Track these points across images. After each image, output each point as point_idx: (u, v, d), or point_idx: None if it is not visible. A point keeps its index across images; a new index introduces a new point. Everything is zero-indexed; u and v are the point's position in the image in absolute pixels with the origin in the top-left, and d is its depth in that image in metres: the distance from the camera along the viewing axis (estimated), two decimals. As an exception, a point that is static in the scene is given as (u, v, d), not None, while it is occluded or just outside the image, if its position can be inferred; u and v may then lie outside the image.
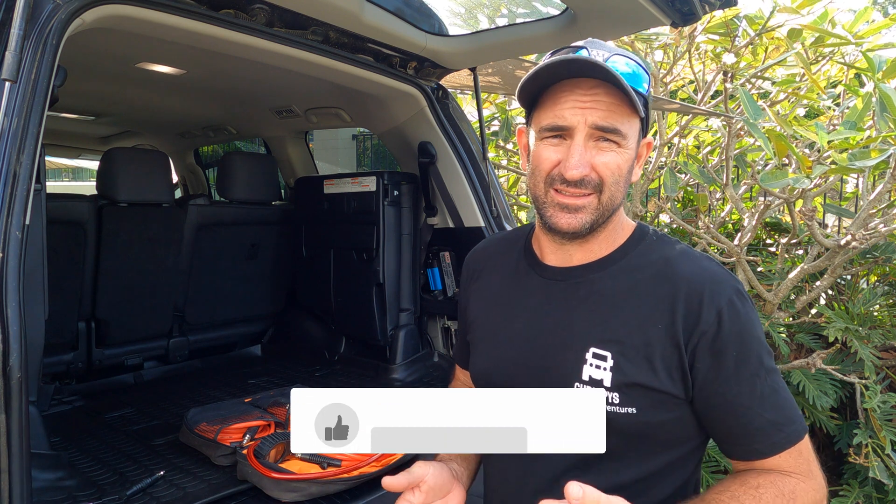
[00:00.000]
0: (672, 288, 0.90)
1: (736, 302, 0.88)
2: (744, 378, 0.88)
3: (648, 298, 0.91)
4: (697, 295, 0.88)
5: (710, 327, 0.87)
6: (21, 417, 1.10)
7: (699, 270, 0.91)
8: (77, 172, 13.56)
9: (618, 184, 0.90)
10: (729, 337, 0.87)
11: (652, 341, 0.88)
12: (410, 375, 2.56)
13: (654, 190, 3.97)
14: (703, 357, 0.87)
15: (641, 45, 3.22)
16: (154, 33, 1.65)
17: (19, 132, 1.16)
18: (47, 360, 2.32)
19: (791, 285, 2.74)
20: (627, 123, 0.89)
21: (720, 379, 0.87)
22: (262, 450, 1.59)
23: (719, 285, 0.89)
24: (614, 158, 0.89)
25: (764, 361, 0.89)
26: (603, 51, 0.88)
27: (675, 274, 0.91)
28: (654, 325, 0.89)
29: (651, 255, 0.95)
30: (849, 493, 2.52)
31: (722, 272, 0.92)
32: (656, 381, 0.88)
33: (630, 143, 0.90)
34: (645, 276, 0.93)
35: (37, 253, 1.46)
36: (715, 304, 0.87)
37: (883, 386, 2.64)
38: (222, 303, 3.01)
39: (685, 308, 0.88)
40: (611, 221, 0.95)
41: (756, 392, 0.88)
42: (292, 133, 3.37)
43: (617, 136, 0.88)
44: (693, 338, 0.87)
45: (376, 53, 2.12)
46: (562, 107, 0.88)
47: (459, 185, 2.44)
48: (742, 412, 0.88)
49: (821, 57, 2.91)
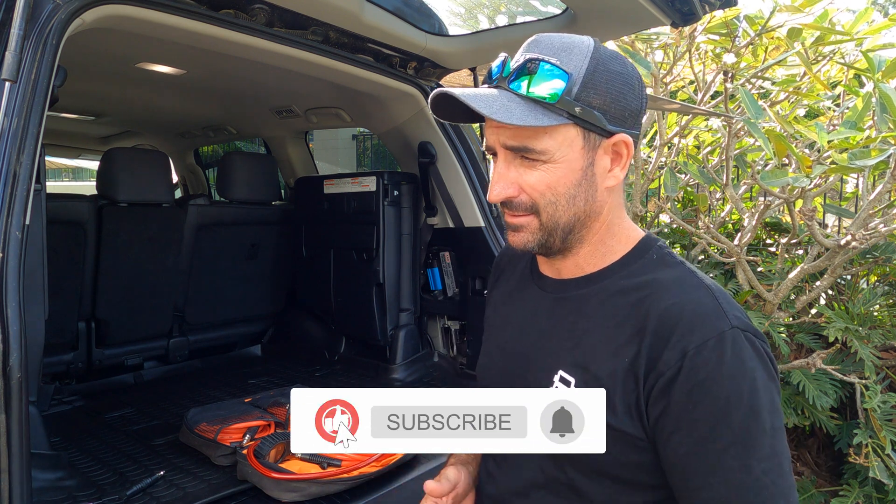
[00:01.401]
0: (645, 318, 0.79)
1: (712, 346, 0.73)
2: (701, 437, 0.74)
3: (625, 325, 0.81)
4: (668, 329, 0.76)
5: (668, 369, 0.75)
6: (21, 417, 1.10)
7: (684, 301, 0.78)
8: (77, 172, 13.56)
9: (555, 202, 0.82)
10: (688, 385, 0.74)
11: (616, 374, 0.79)
12: (410, 375, 2.56)
13: (654, 190, 3.96)
14: (655, 402, 0.76)
15: (641, 45, 3.21)
16: (154, 33, 1.65)
17: (19, 132, 1.16)
18: (47, 360, 2.31)
19: (791, 285, 2.74)
20: (545, 137, 0.80)
21: (673, 430, 0.75)
22: (262, 450, 1.59)
23: (699, 322, 0.75)
24: (542, 177, 0.81)
25: (743, 427, 0.72)
26: (526, 54, 0.81)
27: (657, 302, 0.79)
28: (622, 357, 0.80)
29: (644, 276, 0.84)
30: (849, 493, 2.52)
31: (713, 308, 0.77)
32: (613, 417, 0.79)
33: (561, 153, 0.80)
34: (626, 300, 0.83)
35: (37, 253, 1.46)
36: (682, 342, 0.74)
37: (883, 386, 2.63)
38: (222, 303, 3.01)
39: (651, 342, 0.77)
40: (588, 236, 0.87)
41: (712, 458, 0.73)
42: (292, 133, 3.37)
43: (533, 154, 0.80)
44: (650, 377, 0.77)
45: (376, 53, 2.12)
46: (486, 128, 0.85)
47: (459, 185, 2.44)
48: (689, 476, 0.76)
49: (821, 57, 2.91)
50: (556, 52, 0.81)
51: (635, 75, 0.85)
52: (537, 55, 0.81)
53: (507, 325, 1.00)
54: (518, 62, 0.81)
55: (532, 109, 0.79)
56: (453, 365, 2.59)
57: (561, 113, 0.79)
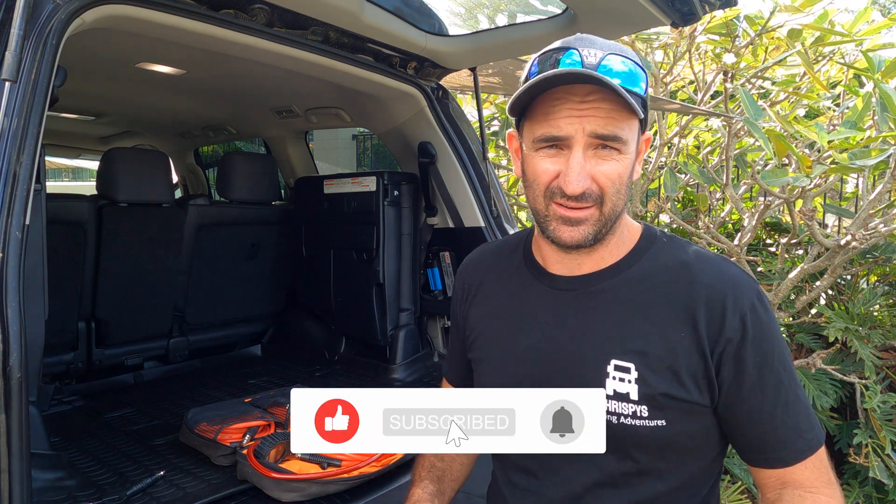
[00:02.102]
0: (692, 294, 0.86)
1: (758, 307, 0.86)
2: (768, 385, 0.86)
3: (668, 305, 0.87)
4: (720, 301, 0.85)
5: (735, 334, 0.84)
6: (21, 417, 1.10)
7: (719, 275, 0.88)
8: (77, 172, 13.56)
9: (619, 192, 0.86)
10: (753, 343, 0.85)
11: (676, 350, 0.85)
12: (410, 375, 2.56)
13: (654, 190, 3.97)
14: (728, 364, 0.85)
15: (641, 45, 3.22)
16: (154, 33, 1.65)
17: (19, 132, 1.16)
18: (47, 360, 2.31)
19: (791, 285, 2.74)
20: (627, 128, 0.84)
21: (745, 386, 0.85)
22: (262, 450, 1.59)
23: (741, 289, 0.86)
24: (615, 167, 0.84)
25: (787, 366, 0.87)
26: (596, 50, 0.82)
27: (695, 279, 0.87)
28: (677, 333, 0.86)
29: (665, 259, 0.91)
30: (849, 493, 2.52)
31: (741, 275, 0.89)
32: (684, 391, 0.85)
33: (630, 148, 0.86)
34: (661, 280, 0.89)
35: (37, 253, 1.46)
36: (739, 310, 0.85)
37: (883, 386, 2.64)
38: (222, 303, 3.01)
39: (707, 315, 0.85)
40: (617, 227, 0.91)
41: (780, 399, 0.86)
42: (292, 133, 3.37)
43: (618, 142, 0.83)
44: (718, 345, 0.85)
45: (376, 53, 2.11)
46: (556, 116, 0.83)
47: (459, 185, 2.44)
48: (766, 420, 0.86)
49: (821, 57, 2.91)
50: (622, 50, 0.85)
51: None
52: (611, 51, 0.83)
53: (522, 332, 0.96)
54: (599, 54, 0.82)
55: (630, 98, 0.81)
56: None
57: (641, 106, 0.83)
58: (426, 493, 1.07)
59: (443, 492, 1.10)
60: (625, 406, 0.85)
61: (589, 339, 0.90)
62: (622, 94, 0.79)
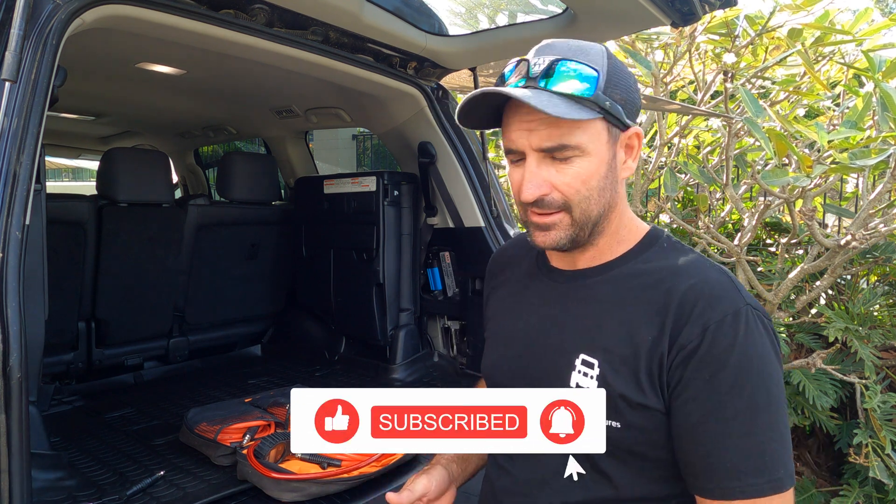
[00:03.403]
0: (667, 297, 0.84)
1: (730, 321, 0.79)
2: (713, 408, 0.79)
3: (644, 306, 0.86)
4: (689, 306, 0.82)
5: (690, 343, 0.80)
6: (21, 417, 1.10)
7: (701, 281, 0.84)
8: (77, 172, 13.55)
9: (588, 197, 0.86)
10: (708, 357, 0.79)
11: (639, 352, 0.83)
12: (410, 375, 2.56)
13: (654, 190, 3.96)
14: (674, 372, 0.81)
15: (641, 45, 3.21)
16: (154, 33, 1.65)
17: (19, 132, 1.16)
18: (47, 360, 2.31)
19: (791, 285, 2.74)
20: (579, 132, 0.83)
21: (687, 399, 0.81)
22: (262, 450, 1.59)
23: (717, 300, 0.81)
24: (576, 173, 0.84)
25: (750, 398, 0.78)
26: (547, 57, 0.84)
27: (675, 283, 0.85)
28: (645, 336, 0.84)
29: (657, 262, 0.90)
30: (849, 493, 2.52)
31: (729, 288, 0.83)
32: (640, 394, 0.83)
33: (592, 147, 0.84)
34: (645, 282, 0.88)
35: (37, 253, 1.46)
36: (703, 318, 0.80)
37: (883, 386, 2.63)
38: (222, 303, 3.01)
39: (674, 319, 0.82)
40: (607, 227, 0.91)
41: (724, 428, 0.78)
42: (292, 133, 3.37)
43: (568, 150, 0.83)
44: (672, 351, 0.81)
45: (376, 53, 2.12)
46: (510, 129, 0.86)
47: (459, 185, 2.44)
48: (699, 443, 0.80)
49: (821, 57, 2.91)
50: (576, 53, 0.85)
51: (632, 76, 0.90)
52: (561, 56, 0.84)
53: (517, 320, 1.01)
54: (544, 63, 0.84)
55: (570, 105, 0.81)
56: (453, 365, 2.59)
57: (593, 107, 0.83)
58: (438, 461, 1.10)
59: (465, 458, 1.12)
60: None
61: (565, 330, 0.93)
62: (545, 109, 0.79)
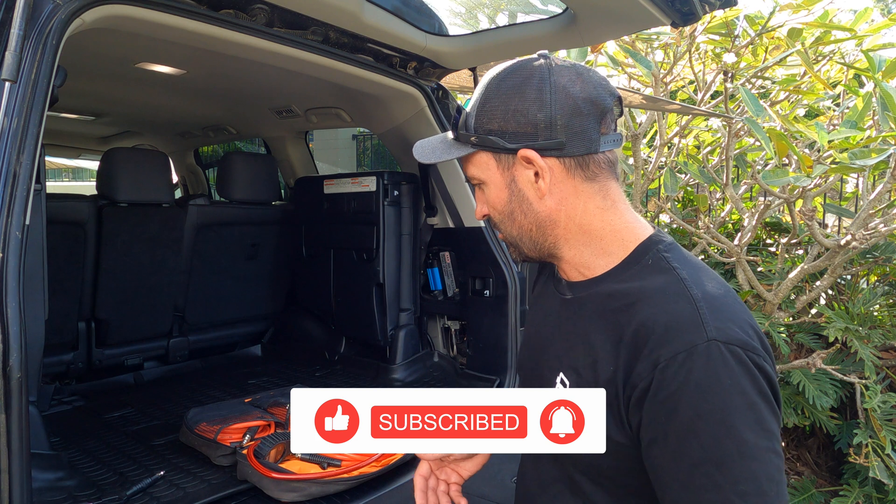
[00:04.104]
0: (626, 328, 0.78)
1: (682, 360, 0.71)
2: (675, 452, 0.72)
3: (609, 333, 0.81)
4: (642, 341, 0.75)
5: (640, 381, 0.74)
6: (21, 417, 1.10)
7: (659, 313, 0.76)
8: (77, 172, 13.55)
9: (503, 220, 0.91)
10: (660, 397, 0.72)
11: (600, 380, 0.81)
12: (410, 375, 2.56)
13: (654, 190, 3.96)
14: (633, 412, 0.77)
15: (641, 45, 3.21)
16: (154, 33, 1.65)
17: (19, 132, 1.16)
18: (47, 360, 2.31)
19: (791, 285, 2.74)
20: (471, 166, 0.92)
21: (650, 441, 0.75)
22: (262, 450, 1.59)
23: (672, 334, 0.73)
24: (487, 198, 0.93)
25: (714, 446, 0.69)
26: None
27: (636, 312, 0.78)
28: (606, 365, 0.80)
29: (631, 283, 0.83)
30: (849, 493, 2.52)
31: (690, 321, 0.74)
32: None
33: (485, 175, 0.90)
34: (615, 306, 0.82)
35: (37, 253, 1.46)
36: (653, 355, 0.73)
37: (883, 386, 2.64)
38: (222, 303, 3.01)
39: (626, 354, 0.77)
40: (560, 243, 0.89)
41: (686, 476, 0.71)
42: (292, 133, 3.37)
43: (474, 180, 0.93)
44: (627, 388, 0.77)
45: (376, 53, 2.11)
46: None
47: (459, 185, 2.44)
48: (665, 491, 0.75)
49: (821, 57, 2.91)
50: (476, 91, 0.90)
51: (540, 88, 0.83)
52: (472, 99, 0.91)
53: (531, 324, 1.07)
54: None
55: (449, 147, 0.92)
56: (453, 365, 2.59)
57: (466, 144, 0.90)
58: None
59: None
60: None
61: (553, 344, 0.94)
62: (418, 156, 0.95)
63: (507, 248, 0.97)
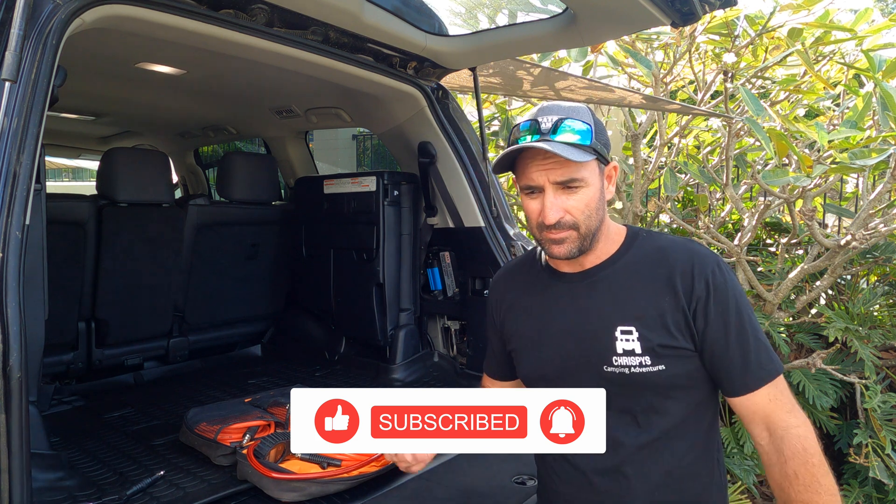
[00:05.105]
0: (670, 269, 1.15)
1: (717, 272, 1.14)
2: (730, 328, 1.12)
3: (654, 280, 1.15)
4: (689, 270, 1.14)
5: (702, 293, 1.12)
6: (21, 417, 1.10)
7: (686, 252, 1.17)
8: (77, 172, 13.55)
9: (590, 215, 1.14)
10: (715, 298, 1.12)
11: (664, 311, 1.12)
12: (410, 375, 2.56)
13: (655, 190, 3.97)
14: (699, 315, 1.12)
15: (641, 45, 3.22)
16: (154, 33, 1.65)
17: (19, 132, 1.16)
18: (47, 360, 2.31)
19: (791, 285, 2.74)
20: (583, 169, 1.12)
21: (711, 328, 1.11)
22: (262, 450, 1.59)
23: (703, 260, 1.15)
24: (581, 198, 1.13)
25: (743, 314, 1.13)
26: (553, 116, 1.13)
27: (669, 258, 1.16)
28: (663, 299, 1.13)
29: (646, 249, 1.20)
30: (849, 493, 2.52)
31: (703, 251, 1.18)
32: (674, 340, 1.11)
33: (591, 180, 1.14)
34: (646, 263, 1.18)
35: (37, 253, 1.46)
36: (703, 275, 1.13)
37: (883, 386, 2.64)
38: (222, 303, 3.01)
39: (682, 282, 1.13)
40: (601, 234, 1.19)
41: (740, 339, 1.11)
42: (292, 133, 3.37)
43: (576, 182, 1.12)
44: (692, 302, 1.12)
45: (376, 53, 2.11)
46: (529, 171, 1.14)
47: (459, 185, 2.44)
48: (731, 354, 1.11)
49: (821, 57, 2.91)
50: (571, 112, 1.14)
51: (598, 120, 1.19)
52: (562, 116, 1.13)
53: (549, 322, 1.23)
54: (550, 122, 1.13)
55: (577, 151, 1.11)
56: (453, 365, 2.59)
57: (590, 151, 1.13)
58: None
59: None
60: (633, 359, 1.11)
61: (597, 314, 1.17)
62: (563, 154, 1.07)
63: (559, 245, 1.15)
